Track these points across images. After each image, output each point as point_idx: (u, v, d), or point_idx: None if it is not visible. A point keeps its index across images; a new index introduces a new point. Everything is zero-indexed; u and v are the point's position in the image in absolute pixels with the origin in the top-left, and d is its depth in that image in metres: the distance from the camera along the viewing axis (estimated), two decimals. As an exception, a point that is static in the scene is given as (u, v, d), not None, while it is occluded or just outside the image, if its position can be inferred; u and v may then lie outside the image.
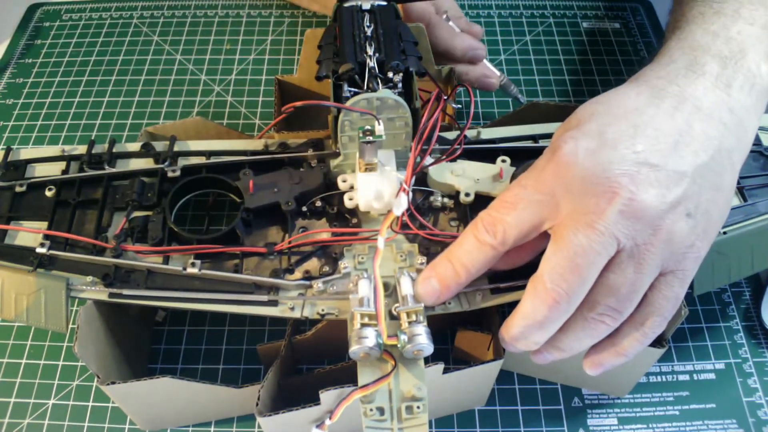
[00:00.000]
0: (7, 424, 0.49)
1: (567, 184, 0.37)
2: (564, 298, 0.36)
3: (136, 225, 0.45)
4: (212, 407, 0.48)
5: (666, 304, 0.38)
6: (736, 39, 0.42)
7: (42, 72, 0.74)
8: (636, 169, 0.36)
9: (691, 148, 0.37)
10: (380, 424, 0.37)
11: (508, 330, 0.38)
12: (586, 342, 0.38)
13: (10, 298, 0.43)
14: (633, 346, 0.39)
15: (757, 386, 0.51)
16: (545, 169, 0.38)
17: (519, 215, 0.38)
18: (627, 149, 0.36)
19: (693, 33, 0.43)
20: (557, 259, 0.36)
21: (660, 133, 0.37)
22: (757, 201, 0.47)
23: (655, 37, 0.77)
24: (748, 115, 0.40)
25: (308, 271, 0.44)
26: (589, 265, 0.36)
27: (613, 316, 0.37)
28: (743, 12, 0.43)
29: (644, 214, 0.35)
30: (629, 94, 0.40)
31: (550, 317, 0.37)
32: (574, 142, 0.37)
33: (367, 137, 0.41)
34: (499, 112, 0.69)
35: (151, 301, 0.43)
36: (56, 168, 0.49)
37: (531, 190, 0.38)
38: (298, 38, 0.77)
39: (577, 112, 0.40)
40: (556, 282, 0.36)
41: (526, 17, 0.80)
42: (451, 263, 0.40)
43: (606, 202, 0.35)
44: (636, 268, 0.36)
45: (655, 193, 0.36)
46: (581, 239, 0.35)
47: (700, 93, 0.39)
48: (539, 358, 0.40)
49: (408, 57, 0.46)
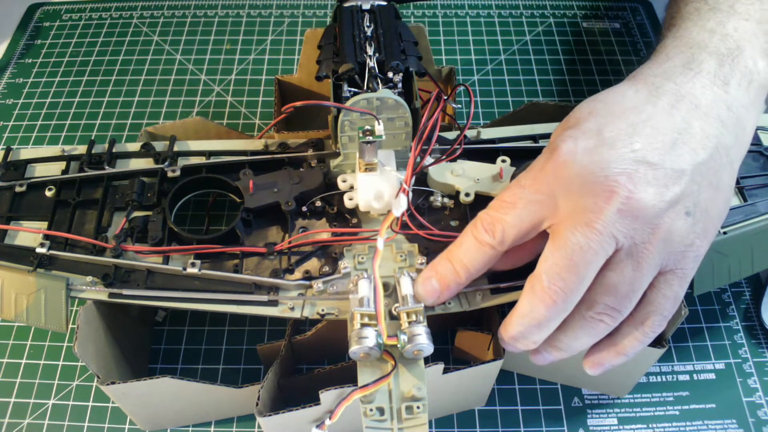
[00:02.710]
0: (7, 424, 0.49)
1: (565, 183, 0.37)
2: (561, 297, 0.36)
3: (136, 225, 0.45)
4: (212, 407, 0.48)
5: (666, 303, 0.38)
6: (732, 35, 0.42)
7: (42, 72, 0.74)
8: (634, 168, 0.36)
9: (690, 146, 0.37)
10: (380, 424, 0.37)
11: (507, 330, 0.38)
12: (585, 341, 0.38)
13: (10, 298, 0.43)
14: (633, 346, 0.39)
15: (757, 386, 0.51)
16: (544, 169, 0.38)
17: (518, 215, 0.38)
18: (625, 148, 0.36)
19: (689, 30, 0.43)
20: (555, 258, 0.36)
21: (658, 132, 0.37)
22: (757, 201, 0.47)
23: (655, 37, 0.77)
24: (746, 112, 0.40)
25: (308, 271, 0.44)
26: (587, 264, 0.36)
27: (611, 314, 0.37)
28: (738, 7, 0.43)
29: (642, 213, 0.35)
30: (627, 93, 0.40)
31: (548, 316, 0.37)
32: (572, 141, 0.37)
33: (367, 137, 0.41)
34: (499, 112, 0.69)
35: (151, 301, 0.43)
36: (56, 168, 0.49)
37: (530, 190, 0.38)
38: (298, 38, 0.77)
39: (575, 111, 0.40)
40: (553, 281, 0.36)
41: (526, 17, 0.80)
42: (451, 263, 0.40)
43: (604, 201, 0.35)
44: (635, 267, 0.36)
45: (653, 191, 0.36)
46: (579, 238, 0.35)
47: (698, 91, 0.39)
48: (538, 358, 0.40)
49: (408, 57, 0.46)
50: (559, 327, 0.38)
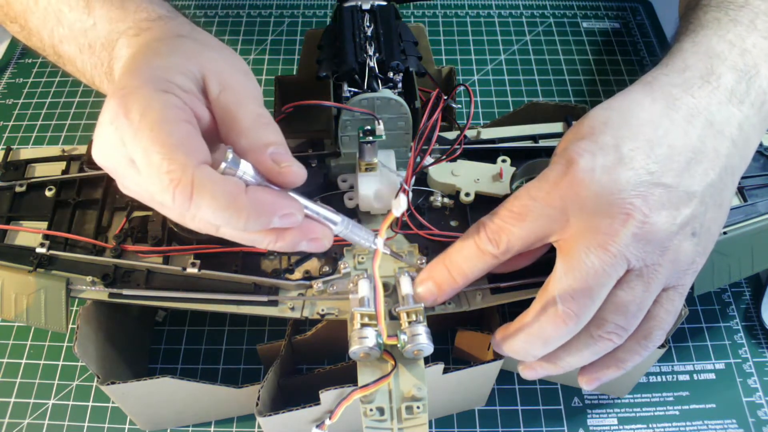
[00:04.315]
0: (7, 424, 0.49)
1: (581, 201, 0.36)
2: (574, 321, 0.36)
3: (136, 225, 0.45)
4: (212, 407, 0.48)
5: (668, 318, 0.38)
6: (751, 52, 0.41)
7: (42, 72, 0.73)
8: (650, 191, 0.36)
9: (703, 166, 0.37)
10: (380, 424, 0.37)
11: (509, 342, 0.38)
12: (587, 359, 0.39)
13: (10, 298, 0.43)
14: (633, 360, 0.39)
15: (757, 386, 0.51)
16: (559, 184, 0.37)
17: (526, 227, 0.37)
18: (642, 169, 0.36)
19: (708, 38, 0.42)
20: (569, 280, 0.36)
21: (674, 151, 0.37)
22: (757, 201, 0.47)
23: (655, 38, 0.77)
24: (754, 132, 0.40)
25: (308, 271, 0.44)
26: (600, 286, 0.35)
27: (620, 333, 0.37)
28: (758, 23, 0.42)
29: (655, 237, 0.35)
30: (644, 103, 0.39)
31: (557, 336, 0.37)
32: (590, 157, 0.36)
33: (367, 137, 0.41)
34: (499, 112, 0.69)
35: (151, 301, 0.43)
36: (56, 168, 0.49)
37: (541, 203, 0.37)
38: (298, 38, 0.77)
39: (589, 119, 0.39)
40: (567, 304, 0.35)
41: (526, 17, 0.80)
42: (449, 270, 0.39)
43: (620, 223, 0.35)
44: (644, 287, 0.36)
45: (666, 214, 0.36)
46: (594, 260, 0.35)
47: (714, 107, 0.39)
48: (530, 373, 0.40)
49: (408, 57, 0.46)
50: (563, 346, 0.38)
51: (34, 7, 0.43)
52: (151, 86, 0.34)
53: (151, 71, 0.35)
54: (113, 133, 0.33)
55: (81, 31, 0.41)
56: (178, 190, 0.31)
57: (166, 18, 0.40)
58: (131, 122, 0.32)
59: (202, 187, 0.31)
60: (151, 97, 0.33)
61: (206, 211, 0.32)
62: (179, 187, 0.31)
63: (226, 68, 0.37)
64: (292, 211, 0.34)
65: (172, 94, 0.34)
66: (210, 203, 0.32)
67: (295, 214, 0.34)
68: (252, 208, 0.32)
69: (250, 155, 0.34)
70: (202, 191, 0.31)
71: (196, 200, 0.31)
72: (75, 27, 0.41)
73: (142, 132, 0.32)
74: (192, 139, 0.33)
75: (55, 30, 0.43)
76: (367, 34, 0.47)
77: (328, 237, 0.36)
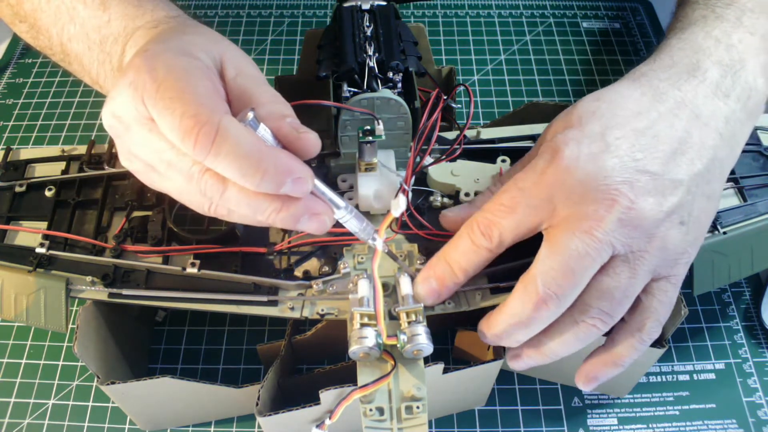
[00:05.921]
0: (7, 424, 0.49)
1: (567, 189, 0.36)
2: (554, 301, 0.36)
3: (136, 225, 0.45)
4: (212, 407, 0.48)
5: (662, 309, 0.38)
6: (736, 47, 0.42)
7: (42, 72, 0.74)
8: (636, 177, 0.36)
9: (688, 156, 0.37)
10: (380, 424, 0.37)
11: (491, 326, 0.39)
12: (573, 346, 0.38)
13: (10, 298, 0.43)
14: (630, 354, 0.39)
15: (757, 386, 0.51)
16: (545, 173, 0.37)
17: (516, 219, 0.37)
18: (628, 156, 0.36)
19: (695, 34, 0.43)
20: (551, 262, 0.36)
21: (659, 141, 0.37)
22: (757, 201, 0.47)
23: (655, 38, 0.77)
24: (741, 126, 0.41)
25: (308, 271, 0.44)
26: (583, 270, 0.36)
27: (604, 319, 0.37)
28: (745, 20, 0.43)
29: (642, 223, 0.36)
30: (632, 95, 0.39)
31: (538, 318, 0.37)
32: (575, 145, 0.37)
33: (366, 137, 0.41)
34: (499, 112, 0.69)
35: (151, 301, 0.43)
36: (56, 168, 0.49)
37: (529, 194, 0.37)
38: (298, 38, 0.77)
39: (577, 108, 0.40)
40: (548, 285, 0.36)
41: (526, 17, 0.80)
42: (449, 265, 0.40)
43: (605, 209, 0.35)
44: (630, 274, 0.36)
45: (652, 201, 0.36)
46: (578, 244, 0.35)
47: (700, 101, 0.39)
48: (519, 363, 0.40)
49: (408, 57, 0.46)
50: (547, 332, 0.38)
51: (45, 6, 0.44)
52: (176, 50, 0.35)
53: (175, 42, 0.37)
54: (132, 92, 0.34)
55: (94, 27, 0.42)
56: (202, 131, 0.32)
57: (183, 16, 0.43)
58: (155, 78, 0.33)
59: (227, 131, 0.32)
60: (177, 57, 0.35)
61: (225, 159, 0.32)
62: (204, 129, 0.32)
63: (241, 58, 0.39)
64: (306, 177, 0.35)
65: (196, 59, 0.35)
66: (231, 149, 0.32)
67: (307, 180, 0.35)
68: (270, 163, 0.33)
69: (269, 122, 0.35)
70: (226, 135, 0.32)
71: (218, 145, 0.32)
72: (88, 24, 0.42)
73: (168, 84, 0.33)
74: (217, 94, 0.35)
75: (66, 28, 0.44)
76: (366, 34, 0.47)
77: (329, 215, 0.37)
